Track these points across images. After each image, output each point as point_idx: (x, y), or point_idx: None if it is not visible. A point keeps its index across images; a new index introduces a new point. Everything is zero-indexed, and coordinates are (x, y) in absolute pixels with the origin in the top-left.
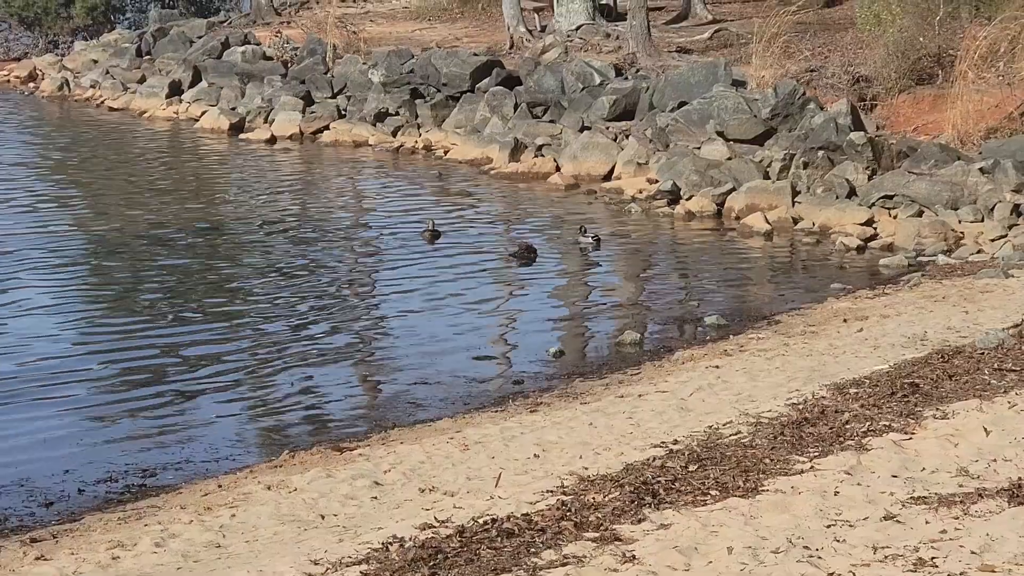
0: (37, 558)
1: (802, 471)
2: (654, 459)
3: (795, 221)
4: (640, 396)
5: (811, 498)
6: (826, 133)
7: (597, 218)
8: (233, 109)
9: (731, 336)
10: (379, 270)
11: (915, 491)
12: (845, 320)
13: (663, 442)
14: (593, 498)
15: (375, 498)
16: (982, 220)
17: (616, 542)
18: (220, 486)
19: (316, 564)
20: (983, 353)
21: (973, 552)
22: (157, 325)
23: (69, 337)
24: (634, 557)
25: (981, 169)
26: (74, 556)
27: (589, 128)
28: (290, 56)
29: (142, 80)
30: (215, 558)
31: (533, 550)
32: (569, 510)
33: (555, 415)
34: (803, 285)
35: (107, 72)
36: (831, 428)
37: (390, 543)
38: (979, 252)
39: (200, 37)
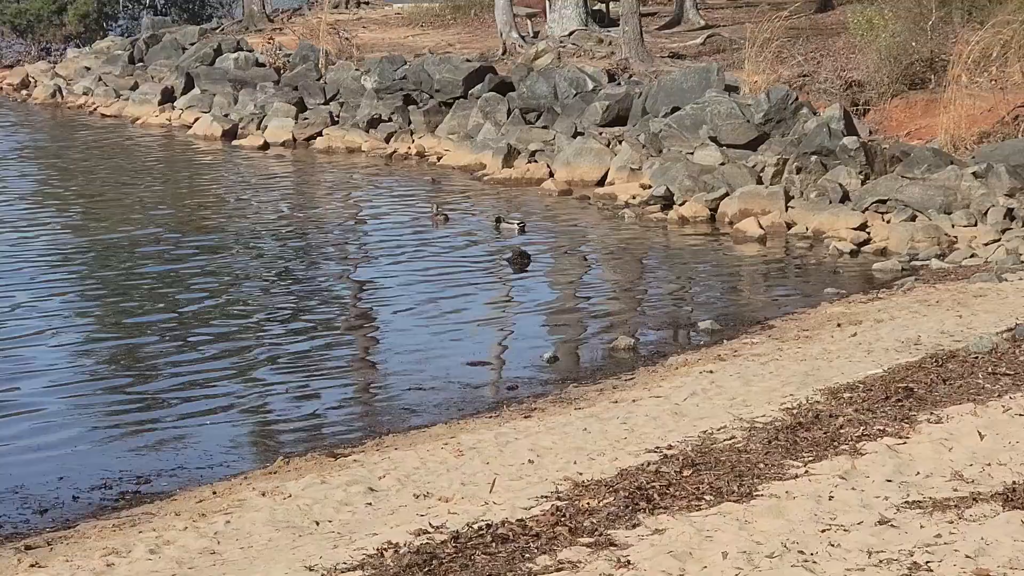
0: (32, 565)
1: (796, 476)
2: (648, 464)
3: (789, 226)
4: (634, 401)
5: (805, 503)
6: (819, 138)
7: (590, 223)
8: (226, 116)
9: (725, 341)
10: (372, 276)
11: (909, 495)
12: (839, 325)
13: (657, 447)
14: (588, 503)
15: (370, 504)
16: (975, 224)
17: (611, 547)
18: (215, 492)
19: (311, 570)
20: (977, 357)
21: (968, 556)
22: (150, 331)
23: (63, 343)
24: (629, 562)
25: (974, 173)
26: (69, 563)
27: (582, 134)
28: (283, 62)
29: (135, 87)
30: (210, 565)
31: (528, 556)
32: (564, 515)
33: (549, 420)
34: (797, 290)
35: (100, 79)
36: (825, 433)
37: (385, 549)
38: (972, 256)
39: (193, 44)
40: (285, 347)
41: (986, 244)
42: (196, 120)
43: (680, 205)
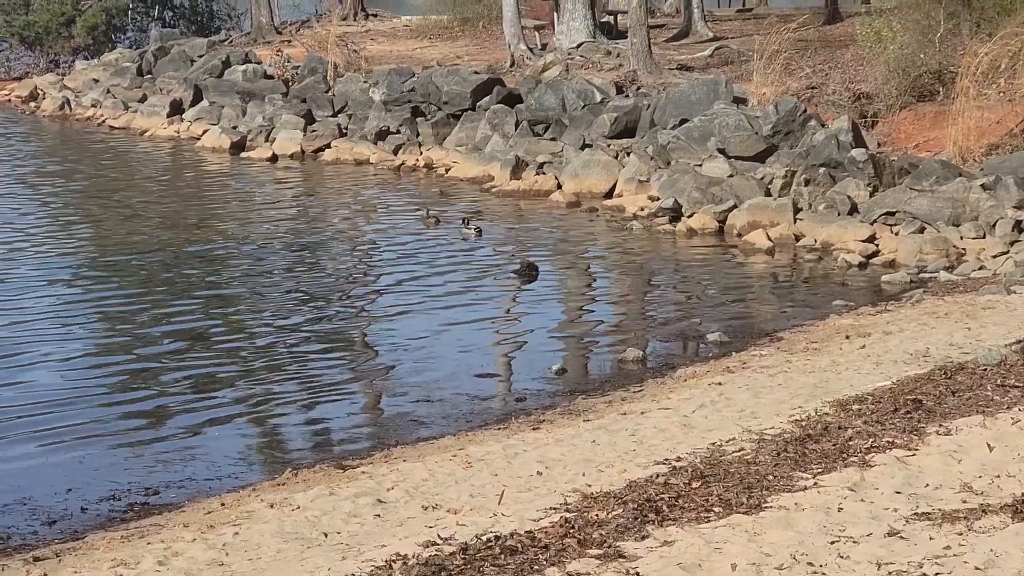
0: None
1: (805, 488)
2: (657, 476)
3: (797, 238)
4: (643, 413)
5: (815, 514)
6: (827, 150)
7: (598, 235)
8: (234, 128)
9: (733, 353)
10: (381, 288)
11: (919, 507)
12: (847, 337)
13: (666, 459)
14: (596, 515)
15: (378, 516)
16: (984, 236)
17: (620, 559)
18: (223, 504)
19: None
20: (986, 369)
21: (977, 568)
22: (158, 343)
23: (71, 356)
24: (638, 574)
25: (983, 185)
26: (77, 575)
27: (590, 146)
28: (291, 74)
29: (143, 99)
30: None
31: (536, 567)
32: (572, 527)
33: (558, 432)
34: (805, 302)
35: (108, 91)
36: (834, 444)
37: (393, 561)
38: (981, 268)
39: (201, 56)
40: (293, 359)
41: (995, 256)
42: (204, 132)
43: (688, 217)
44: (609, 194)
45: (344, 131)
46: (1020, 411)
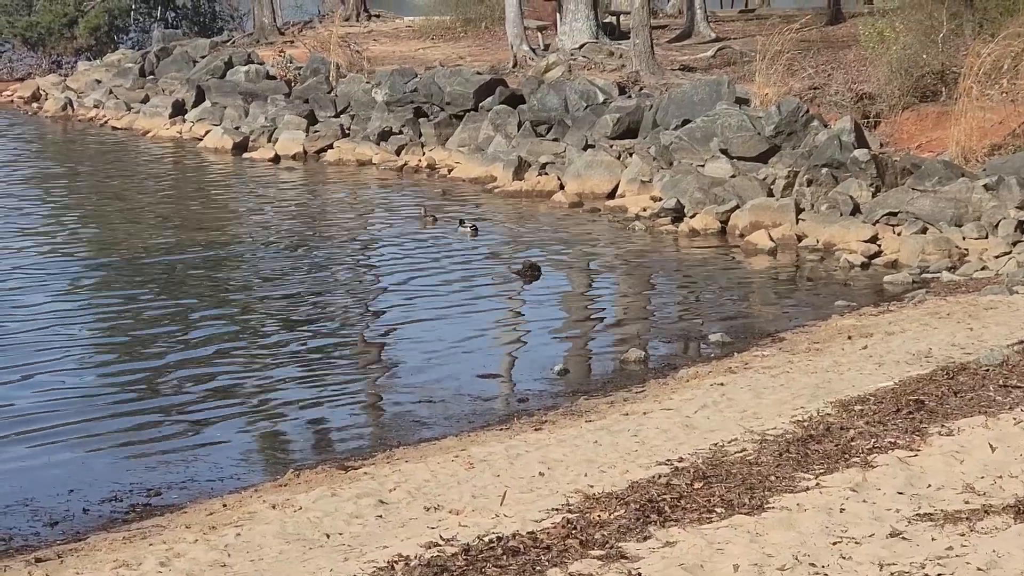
0: None
1: (807, 488)
2: (659, 477)
3: (799, 238)
4: (645, 414)
5: (817, 515)
6: (830, 150)
7: (600, 236)
8: (237, 128)
9: (735, 354)
10: (382, 289)
11: (921, 508)
12: (850, 337)
13: (668, 460)
14: (599, 516)
15: (380, 517)
16: (986, 237)
17: (622, 560)
18: (225, 505)
19: None
20: (988, 370)
21: (979, 569)
22: (161, 345)
23: (73, 358)
24: (640, 575)
25: (985, 186)
26: None
27: (593, 146)
28: (293, 75)
29: (145, 100)
30: None
31: (539, 568)
32: (575, 528)
33: (560, 433)
34: (807, 302)
35: (110, 92)
36: (836, 445)
37: (395, 562)
38: (983, 269)
39: (203, 56)
40: (295, 359)
41: (997, 257)
42: (207, 133)
43: (691, 217)
44: (612, 194)
45: (346, 132)
46: (1022, 411)
